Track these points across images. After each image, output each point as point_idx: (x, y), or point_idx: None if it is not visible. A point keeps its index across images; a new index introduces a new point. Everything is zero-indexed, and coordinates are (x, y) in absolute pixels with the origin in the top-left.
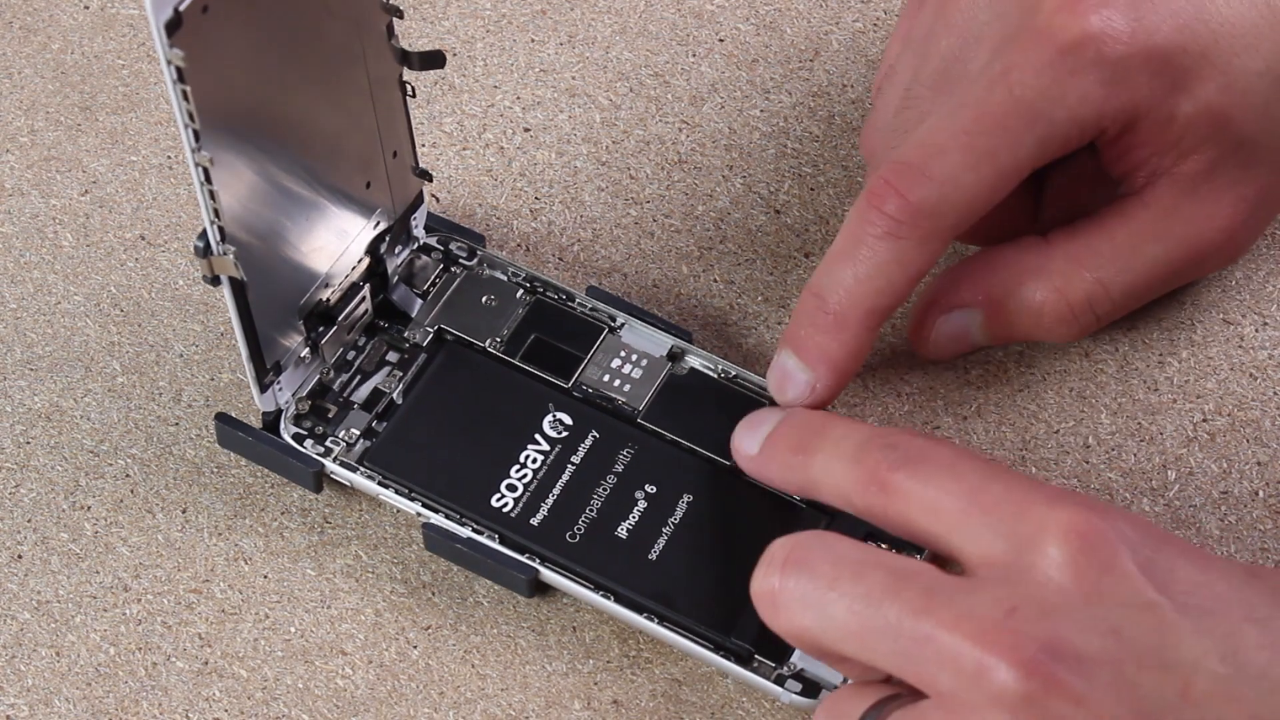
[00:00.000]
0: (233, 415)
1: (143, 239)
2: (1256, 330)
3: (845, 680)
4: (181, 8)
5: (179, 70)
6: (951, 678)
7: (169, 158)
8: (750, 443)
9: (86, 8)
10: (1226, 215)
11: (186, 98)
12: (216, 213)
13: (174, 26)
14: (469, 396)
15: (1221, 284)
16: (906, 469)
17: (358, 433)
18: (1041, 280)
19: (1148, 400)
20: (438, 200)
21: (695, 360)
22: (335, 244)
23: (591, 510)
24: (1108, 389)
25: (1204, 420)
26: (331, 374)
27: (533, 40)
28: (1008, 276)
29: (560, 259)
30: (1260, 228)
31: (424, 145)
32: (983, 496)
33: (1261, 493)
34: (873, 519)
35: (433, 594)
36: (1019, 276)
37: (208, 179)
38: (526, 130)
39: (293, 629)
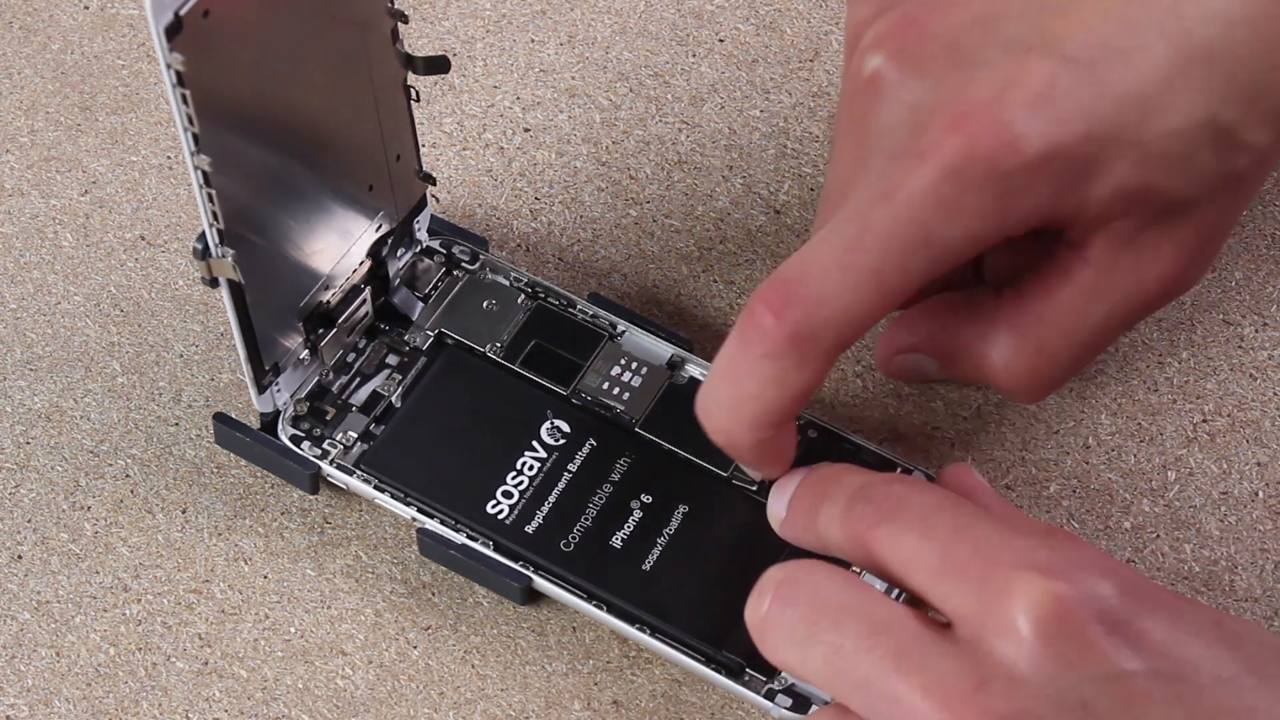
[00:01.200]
0: (232, 416)
1: (143, 239)
2: (1256, 331)
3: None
4: (182, 11)
5: (178, 74)
6: None
7: (169, 158)
8: (779, 506)
9: (86, 8)
10: (1167, 263)
11: (186, 101)
12: (215, 215)
13: (174, 31)
14: (467, 402)
15: (1222, 284)
16: (884, 525)
17: (355, 435)
18: (988, 344)
19: (1147, 400)
20: (438, 200)
21: (695, 369)
22: (337, 246)
23: (587, 519)
24: (1108, 389)
25: (1204, 421)
26: (331, 376)
27: (533, 40)
28: (956, 333)
29: (560, 259)
30: (1206, 264)
31: (424, 145)
32: (953, 556)
33: (1261, 493)
34: (869, 571)
35: (433, 594)
36: (966, 336)
37: (206, 182)
38: (526, 130)
39: (293, 629)
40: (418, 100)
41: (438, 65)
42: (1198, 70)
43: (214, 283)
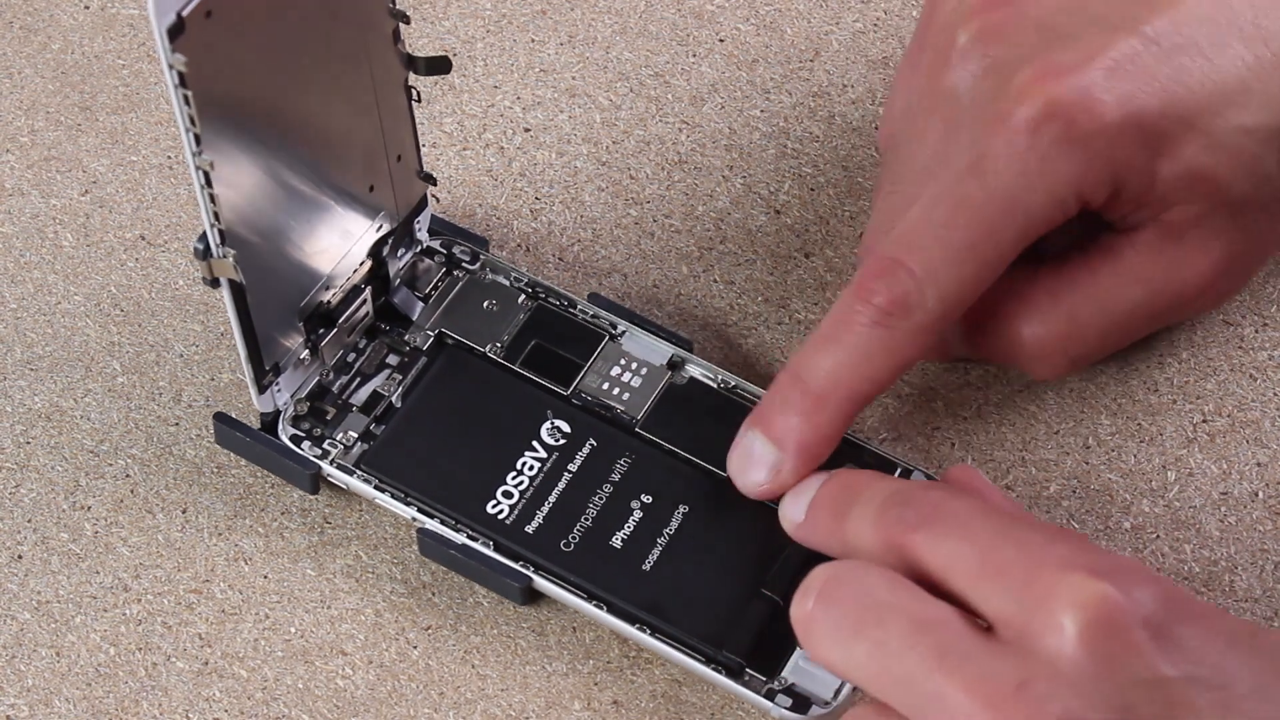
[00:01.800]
0: (232, 416)
1: (143, 239)
2: (1256, 331)
3: (843, 684)
4: (184, 12)
5: (181, 75)
6: None
7: (169, 158)
8: (796, 510)
9: (87, 8)
10: (1211, 263)
11: (188, 102)
12: (216, 216)
13: (176, 31)
14: (468, 402)
15: None
16: (922, 530)
17: (355, 435)
18: (1020, 312)
19: (1147, 401)
20: (438, 200)
21: (695, 370)
22: (338, 246)
23: (587, 519)
24: (1108, 389)
25: (1204, 421)
26: (331, 376)
27: (533, 40)
28: (990, 300)
29: (560, 259)
30: (1244, 277)
31: (424, 146)
32: (995, 558)
33: (1261, 494)
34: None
35: (433, 594)
36: (998, 302)
37: (208, 182)
38: (527, 130)
39: (293, 629)
40: (419, 100)
41: (439, 66)
42: (1273, 77)
43: (215, 283)
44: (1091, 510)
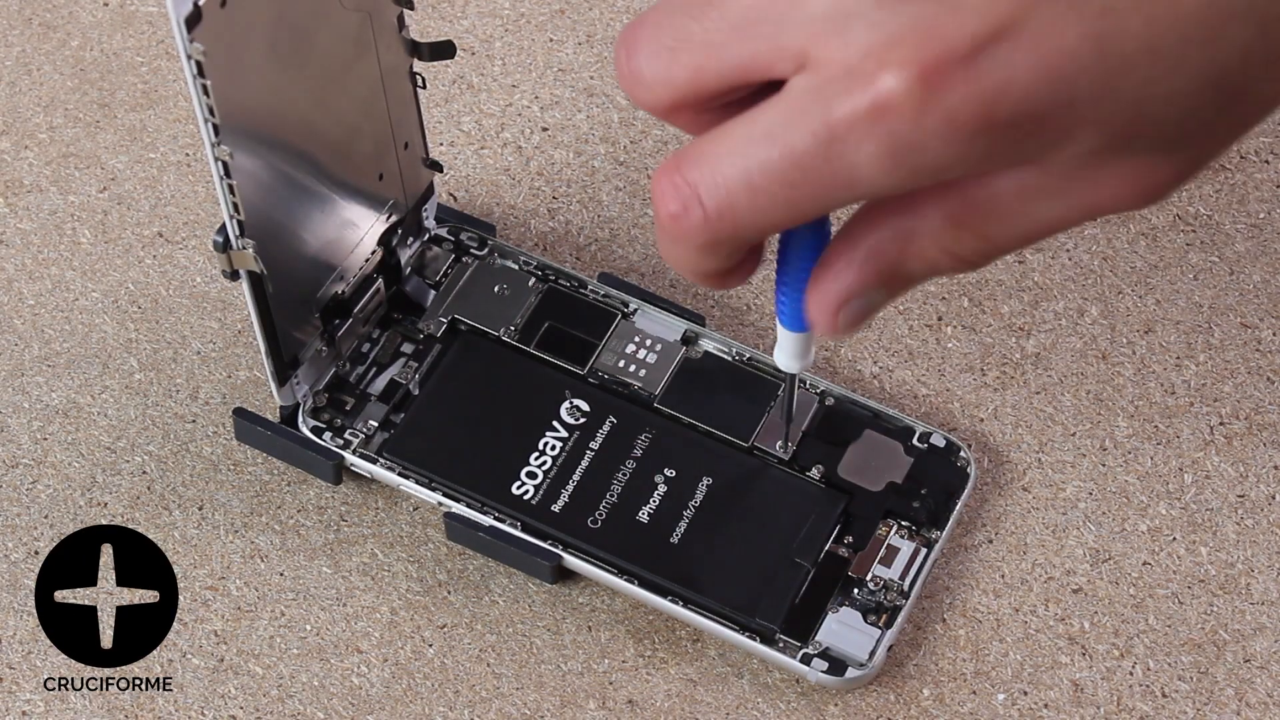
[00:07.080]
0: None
1: (160, 236)
2: (1274, 334)
3: (876, 645)
4: (201, 1)
5: (199, 65)
6: None
7: (187, 155)
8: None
9: (106, 4)
10: (1127, 185)
11: (206, 92)
12: (236, 206)
13: (194, 21)
14: (485, 386)
15: (1239, 287)
16: None
17: (375, 424)
18: (926, 240)
19: (1165, 403)
20: (455, 199)
21: (709, 344)
22: (349, 237)
23: (612, 495)
24: (1125, 392)
25: (1221, 424)
26: (347, 367)
27: (551, 39)
28: (894, 239)
29: (577, 258)
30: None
31: (442, 144)
32: None
33: (1278, 496)
34: None
35: (449, 592)
36: (904, 238)
37: (227, 173)
38: (544, 130)
39: (308, 627)
40: (424, 87)
41: (442, 51)
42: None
43: (234, 275)
44: (1108, 512)
